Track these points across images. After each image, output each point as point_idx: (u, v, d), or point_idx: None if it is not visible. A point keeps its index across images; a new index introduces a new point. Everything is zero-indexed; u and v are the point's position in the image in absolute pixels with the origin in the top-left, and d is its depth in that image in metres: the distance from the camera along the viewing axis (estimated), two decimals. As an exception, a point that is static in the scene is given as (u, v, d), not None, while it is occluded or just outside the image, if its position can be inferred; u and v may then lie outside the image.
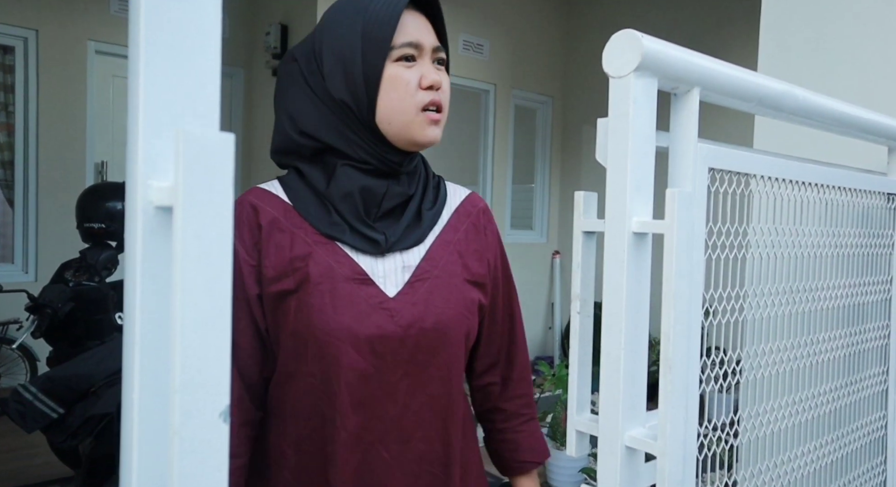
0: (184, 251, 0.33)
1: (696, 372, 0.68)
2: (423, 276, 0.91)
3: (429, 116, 0.88)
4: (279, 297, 0.88)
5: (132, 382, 0.36)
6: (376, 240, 0.89)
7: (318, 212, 0.89)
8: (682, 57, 0.66)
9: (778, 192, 0.82)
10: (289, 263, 0.88)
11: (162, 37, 0.35)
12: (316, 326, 0.86)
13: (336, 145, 0.89)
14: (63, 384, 1.88)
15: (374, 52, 0.86)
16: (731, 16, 4.55)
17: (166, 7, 0.36)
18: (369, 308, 0.87)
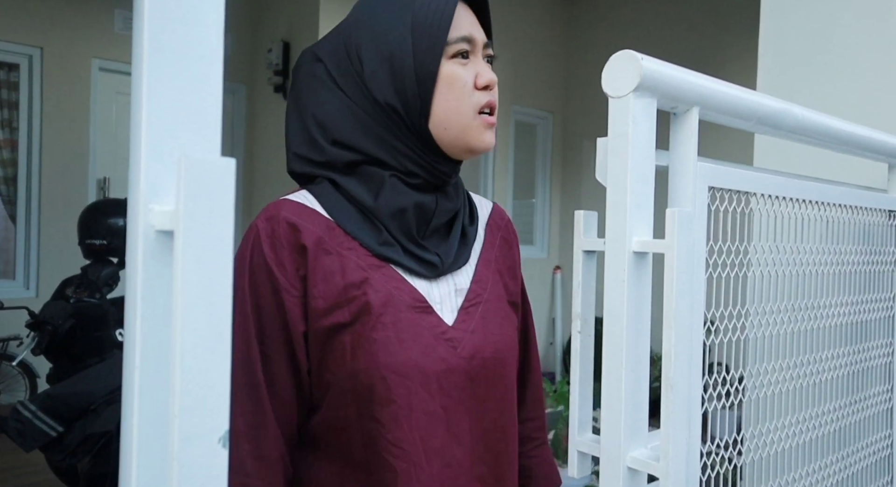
0: (184, 276, 0.33)
1: (699, 392, 0.68)
2: (475, 300, 0.82)
3: (485, 120, 0.79)
4: (330, 333, 0.75)
5: (132, 407, 0.36)
6: (433, 263, 0.79)
7: (367, 231, 0.77)
8: (680, 77, 0.66)
9: (778, 210, 0.82)
10: (342, 292, 0.75)
11: (165, 62, 0.36)
12: (382, 364, 0.74)
13: (378, 155, 0.77)
14: (62, 402, 1.87)
15: (429, 48, 0.76)
16: (730, 32, 4.58)
17: (169, 33, 0.36)
18: (434, 340, 0.77)
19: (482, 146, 0.80)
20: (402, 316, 0.76)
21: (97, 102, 4.44)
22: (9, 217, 4.31)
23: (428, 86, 0.76)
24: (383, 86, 0.77)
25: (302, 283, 0.74)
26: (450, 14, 0.76)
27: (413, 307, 0.77)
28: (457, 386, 0.77)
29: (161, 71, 0.35)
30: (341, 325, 0.75)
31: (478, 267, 0.85)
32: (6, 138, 4.27)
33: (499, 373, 0.81)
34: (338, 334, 0.75)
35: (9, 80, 4.26)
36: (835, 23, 1.59)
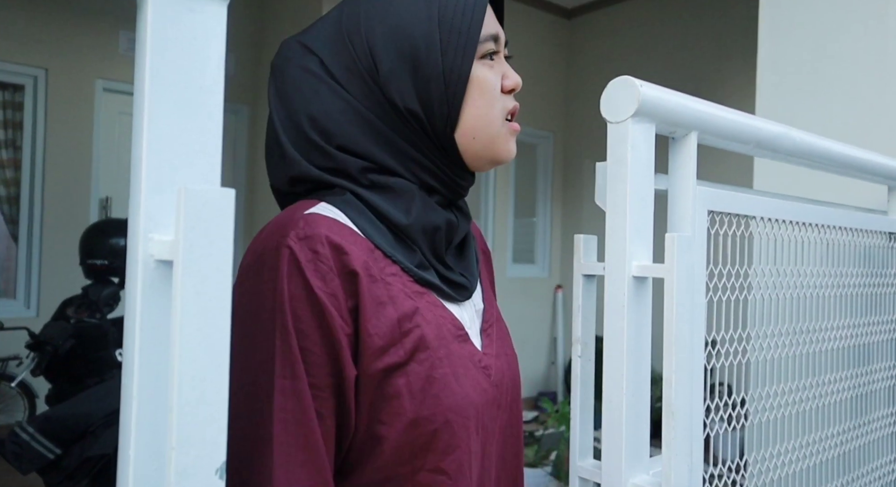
0: (183, 306, 0.33)
1: (700, 417, 0.67)
2: (490, 321, 0.76)
3: (512, 126, 0.72)
4: (384, 376, 0.63)
5: (128, 439, 0.36)
6: (464, 285, 0.72)
7: (404, 253, 0.67)
8: (678, 102, 0.67)
9: (778, 233, 0.82)
10: (397, 325, 0.64)
11: (166, 93, 0.36)
12: (446, 407, 0.64)
13: (392, 167, 0.67)
14: (61, 424, 1.86)
15: (460, 46, 0.66)
16: (729, 53, 4.62)
17: (171, 65, 0.36)
18: (476, 371, 0.69)
19: (508, 156, 0.72)
20: (452, 349, 0.67)
21: (101, 122, 4.47)
22: (11, 236, 4.32)
23: (458, 90, 0.67)
24: (403, 89, 0.66)
25: (352, 317, 0.62)
26: (482, 8, 0.67)
27: (456, 336, 0.69)
28: (491, 416, 0.70)
29: (162, 101, 0.36)
30: (396, 365, 0.63)
31: (480, 282, 0.79)
32: (10, 157, 4.30)
33: (515, 397, 0.76)
34: (392, 376, 0.63)
35: (13, 101, 4.29)
36: (832, 46, 1.60)
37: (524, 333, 5.46)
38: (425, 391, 0.63)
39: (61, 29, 4.32)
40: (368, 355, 0.62)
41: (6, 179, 4.32)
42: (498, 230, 5.35)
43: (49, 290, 4.20)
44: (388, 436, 0.63)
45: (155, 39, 0.36)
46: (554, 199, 5.80)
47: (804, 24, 1.65)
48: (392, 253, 0.66)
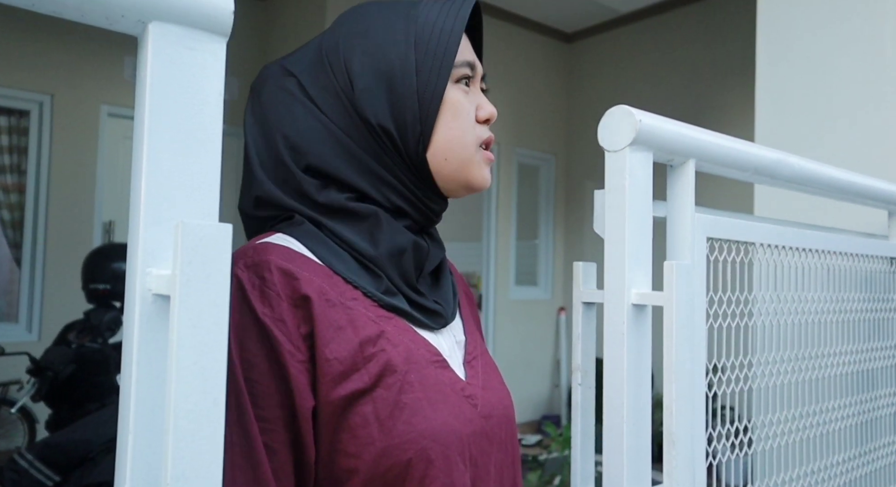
0: (179, 340, 0.33)
1: (702, 446, 0.67)
2: (473, 352, 0.73)
3: (486, 155, 0.72)
4: (348, 404, 0.60)
5: (125, 471, 0.35)
6: (439, 313, 0.69)
7: (367, 278, 0.66)
8: (675, 130, 0.67)
9: (778, 259, 0.82)
10: (358, 350, 0.61)
11: (165, 130, 0.37)
12: (420, 433, 0.60)
13: (360, 186, 0.67)
14: (60, 451, 1.84)
15: (436, 68, 0.67)
16: (729, 77, 4.66)
17: (170, 102, 0.37)
18: (458, 399, 0.65)
19: (482, 183, 0.72)
20: (427, 373, 0.64)
21: (105, 147, 4.50)
22: (14, 260, 4.34)
23: (432, 109, 0.67)
24: (377, 106, 0.66)
25: (307, 344, 0.59)
26: (458, 34, 0.68)
27: (432, 362, 0.65)
28: (482, 450, 0.66)
29: (161, 138, 0.36)
30: (360, 392, 0.60)
31: (462, 318, 0.77)
32: (14, 182, 4.33)
33: (511, 433, 0.72)
34: (356, 404, 0.60)
35: (19, 126, 4.34)
36: (830, 72, 1.62)
37: (527, 356, 5.43)
38: (395, 417, 0.60)
39: (67, 55, 4.38)
40: (327, 382, 0.59)
41: (10, 204, 4.35)
42: (500, 252, 5.35)
43: (51, 314, 4.19)
44: (358, 469, 0.59)
45: (155, 77, 0.37)
46: (556, 221, 5.81)
47: (801, 51, 1.67)
48: (353, 279, 0.64)
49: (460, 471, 0.62)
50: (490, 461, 0.67)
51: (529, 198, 5.75)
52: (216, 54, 0.38)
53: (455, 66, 0.68)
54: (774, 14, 1.73)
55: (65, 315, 2.97)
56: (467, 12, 0.69)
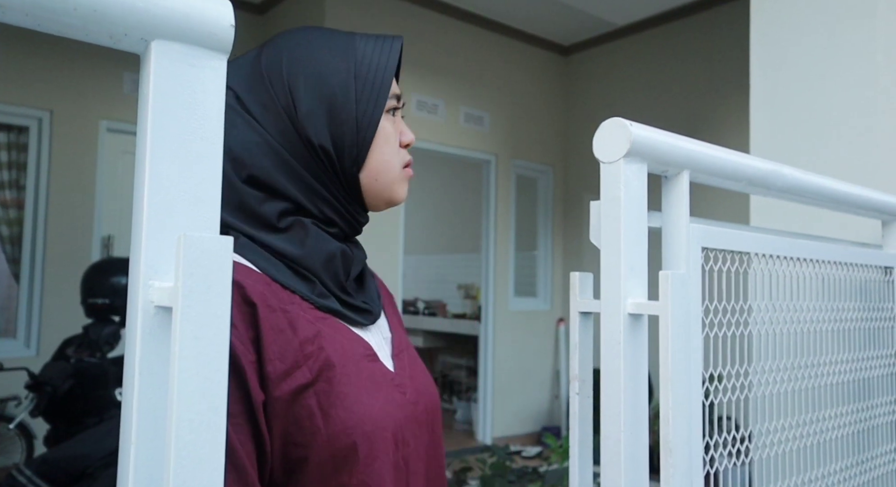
0: (181, 351, 0.34)
1: (700, 454, 0.67)
2: (399, 347, 0.82)
3: (408, 172, 0.82)
4: (293, 398, 0.66)
5: (126, 482, 0.36)
6: (368, 310, 0.78)
7: (301, 283, 0.72)
8: (669, 142, 0.68)
9: (774, 269, 0.82)
10: (298, 349, 0.68)
11: (167, 145, 0.37)
12: (360, 418, 0.69)
13: (296, 197, 0.73)
14: (58, 466, 1.84)
15: (373, 99, 0.76)
16: (724, 89, 4.69)
17: (172, 117, 0.38)
18: (390, 388, 0.74)
19: (402, 198, 0.82)
20: (362, 366, 0.72)
21: (104, 162, 4.52)
22: (13, 275, 4.33)
23: (368, 135, 0.75)
24: (319, 129, 0.73)
25: (254, 346, 0.65)
26: (392, 69, 0.77)
27: (365, 356, 0.74)
28: (413, 434, 0.75)
29: (163, 152, 0.37)
30: (303, 387, 0.67)
31: (387, 316, 0.85)
32: (13, 198, 4.34)
33: (437, 419, 0.81)
34: (301, 398, 0.67)
35: (18, 142, 4.35)
36: (823, 84, 1.63)
37: (526, 367, 5.42)
38: (336, 406, 0.67)
39: (66, 71, 4.40)
40: (273, 380, 0.65)
41: (9, 219, 4.35)
42: (499, 263, 5.35)
43: (50, 330, 4.18)
44: (309, 457, 0.66)
45: (157, 94, 0.38)
46: (555, 232, 5.83)
47: (795, 63, 1.68)
48: (290, 285, 0.71)
49: (396, 451, 0.72)
50: (420, 441, 0.76)
51: (528, 210, 5.77)
52: (217, 71, 0.39)
53: (388, 97, 0.77)
54: (768, 27, 1.75)
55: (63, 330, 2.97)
56: (399, 50, 0.78)
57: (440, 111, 4.96)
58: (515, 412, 5.36)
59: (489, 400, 5.20)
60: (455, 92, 5.06)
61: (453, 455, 4.36)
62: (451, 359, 6.53)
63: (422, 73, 4.88)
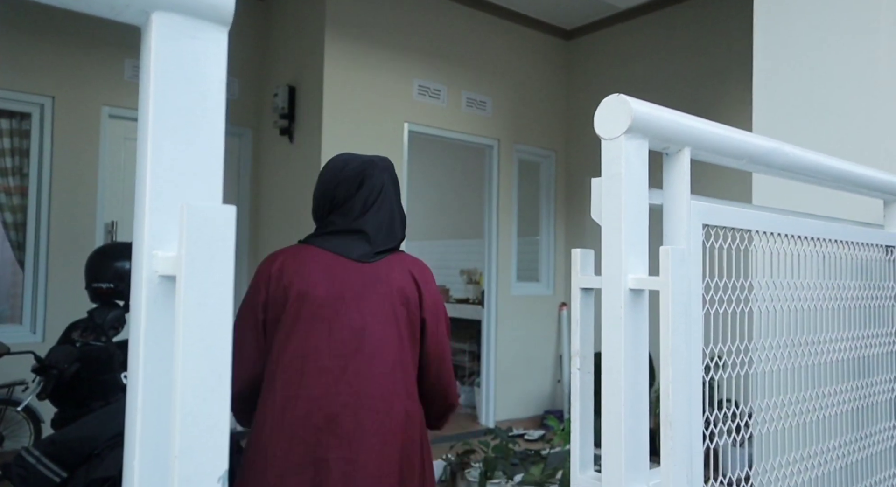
0: (185, 319, 0.34)
1: (699, 428, 0.68)
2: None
3: None
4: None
5: (133, 447, 0.37)
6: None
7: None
8: (671, 118, 0.68)
9: (775, 247, 0.83)
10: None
11: (169, 116, 0.38)
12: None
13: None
14: (66, 447, 1.86)
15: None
16: (727, 71, 4.66)
17: (173, 88, 0.38)
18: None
19: None
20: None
21: (106, 148, 4.52)
22: (17, 262, 4.35)
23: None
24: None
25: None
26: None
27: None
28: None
29: (165, 123, 0.37)
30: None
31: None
32: (17, 185, 4.34)
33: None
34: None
35: (20, 129, 4.35)
36: (825, 63, 1.62)
37: (529, 351, 5.44)
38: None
39: (68, 58, 4.39)
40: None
41: (13, 206, 4.36)
42: (502, 248, 5.35)
43: (55, 315, 4.21)
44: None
45: (158, 65, 0.38)
46: (557, 217, 5.82)
47: (798, 43, 1.67)
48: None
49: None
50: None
51: (530, 195, 5.76)
52: (218, 42, 0.39)
53: None
54: (771, 8, 1.74)
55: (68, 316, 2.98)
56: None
57: (442, 96, 4.94)
58: (518, 396, 5.39)
59: (492, 385, 5.23)
60: (457, 77, 5.03)
61: (456, 439, 4.39)
62: (454, 344, 6.56)
63: (423, 58, 4.85)
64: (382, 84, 4.64)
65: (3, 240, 4.44)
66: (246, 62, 5.03)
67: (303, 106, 4.61)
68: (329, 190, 1.44)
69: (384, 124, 4.63)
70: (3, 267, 4.74)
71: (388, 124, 4.65)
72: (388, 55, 4.68)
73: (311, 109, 4.51)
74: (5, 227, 4.33)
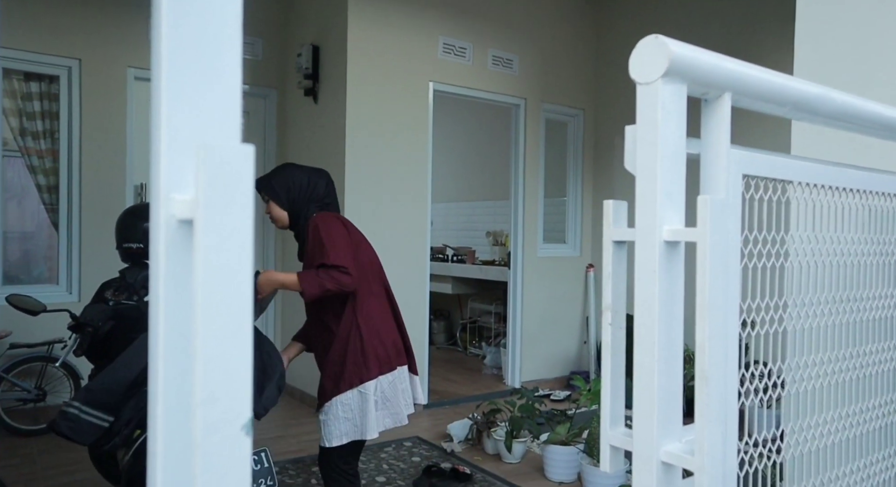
0: (204, 263, 0.33)
1: (735, 384, 0.66)
2: None
3: None
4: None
5: (156, 395, 0.36)
6: None
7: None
8: (711, 61, 0.64)
9: (817, 199, 0.79)
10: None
11: (183, 52, 0.36)
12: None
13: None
14: (104, 391, 1.92)
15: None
16: (763, 25, 4.48)
17: (187, 24, 0.36)
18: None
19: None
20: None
21: (132, 110, 4.54)
22: (52, 224, 4.44)
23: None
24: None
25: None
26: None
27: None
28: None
29: (179, 59, 0.36)
30: None
31: None
32: (48, 148, 4.40)
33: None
34: None
35: (49, 92, 4.39)
36: (874, 5, 1.54)
37: (556, 313, 5.44)
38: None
39: (92, 19, 4.38)
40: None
41: (45, 169, 4.43)
42: (528, 210, 5.31)
43: (89, 275, 4.31)
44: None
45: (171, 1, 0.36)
46: (585, 178, 5.73)
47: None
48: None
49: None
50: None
51: (557, 155, 5.67)
52: (232, -28, 0.37)
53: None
54: (816, -51, 1.64)
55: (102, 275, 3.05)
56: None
57: (468, 54, 4.84)
58: (544, 357, 5.41)
59: (518, 346, 5.25)
60: (483, 34, 4.92)
61: (482, 398, 4.44)
62: (480, 306, 6.58)
63: (449, 16, 4.74)
64: (407, 42, 4.55)
65: (37, 203, 4.53)
66: (269, 22, 4.98)
67: (327, 66, 4.56)
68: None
69: (409, 84, 4.57)
70: (39, 230, 4.84)
71: (412, 84, 4.58)
72: (413, 12, 4.58)
73: (335, 69, 4.45)
74: (39, 190, 4.41)
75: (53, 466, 3.46)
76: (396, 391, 2.27)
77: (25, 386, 3.91)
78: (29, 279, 4.62)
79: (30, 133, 4.38)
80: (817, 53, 1.62)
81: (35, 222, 4.90)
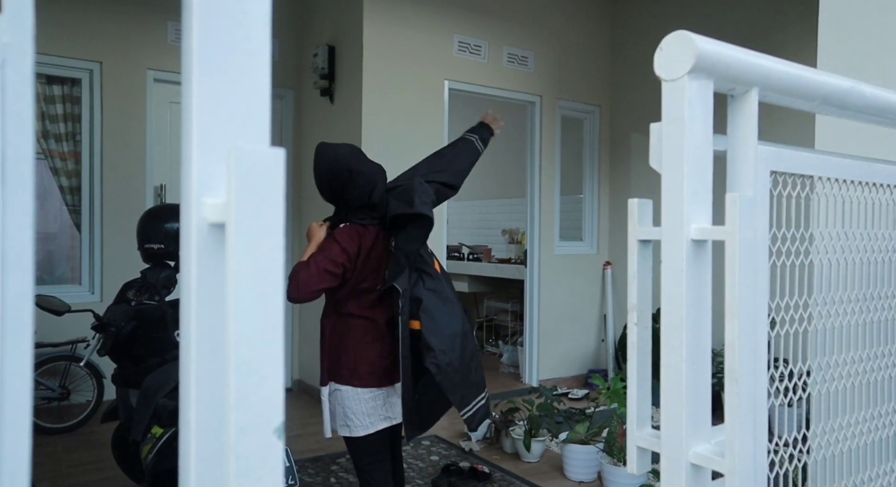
0: (236, 266, 0.33)
1: (764, 384, 0.65)
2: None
3: None
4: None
5: (189, 399, 0.36)
6: None
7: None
8: (738, 57, 0.63)
9: (846, 195, 0.78)
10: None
11: (213, 57, 0.36)
12: None
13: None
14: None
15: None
16: (784, 20, 4.42)
17: (217, 28, 0.36)
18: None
19: None
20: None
21: (152, 112, 4.59)
22: (74, 225, 4.50)
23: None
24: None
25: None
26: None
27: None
28: None
29: (209, 64, 0.36)
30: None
31: None
32: (70, 151, 4.46)
33: None
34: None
35: (72, 95, 4.45)
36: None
37: (573, 311, 5.41)
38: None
39: (113, 22, 4.44)
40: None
41: (68, 171, 4.49)
42: (545, 207, 5.29)
43: (111, 276, 4.36)
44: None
45: (200, 5, 0.36)
46: (601, 175, 5.70)
47: (869, -22, 1.55)
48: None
49: None
50: None
51: (573, 152, 5.64)
52: (260, -25, 0.37)
53: None
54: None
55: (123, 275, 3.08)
56: None
57: (483, 52, 4.83)
58: (562, 355, 5.38)
59: (535, 344, 5.23)
60: (498, 32, 4.90)
61: (500, 397, 4.43)
62: (497, 304, 6.57)
63: (463, 14, 4.73)
64: (422, 41, 4.55)
65: (60, 204, 4.59)
66: (285, 22, 5.00)
67: (343, 65, 4.57)
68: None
69: (424, 82, 4.56)
70: (62, 231, 4.91)
71: (428, 82, 4.58)
72: (427, 10, 4.58)
73: (350, 69, 4.46)
74: (62, 192, 4.47)
75: (78, 464, 3.50)
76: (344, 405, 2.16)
77: (50, 384, 3.97)
78: (52, 279, 4.69)
79: (53, 135, 4.45)
80: (842, 45, 1.59)
81: (58, 223, 4.97)
